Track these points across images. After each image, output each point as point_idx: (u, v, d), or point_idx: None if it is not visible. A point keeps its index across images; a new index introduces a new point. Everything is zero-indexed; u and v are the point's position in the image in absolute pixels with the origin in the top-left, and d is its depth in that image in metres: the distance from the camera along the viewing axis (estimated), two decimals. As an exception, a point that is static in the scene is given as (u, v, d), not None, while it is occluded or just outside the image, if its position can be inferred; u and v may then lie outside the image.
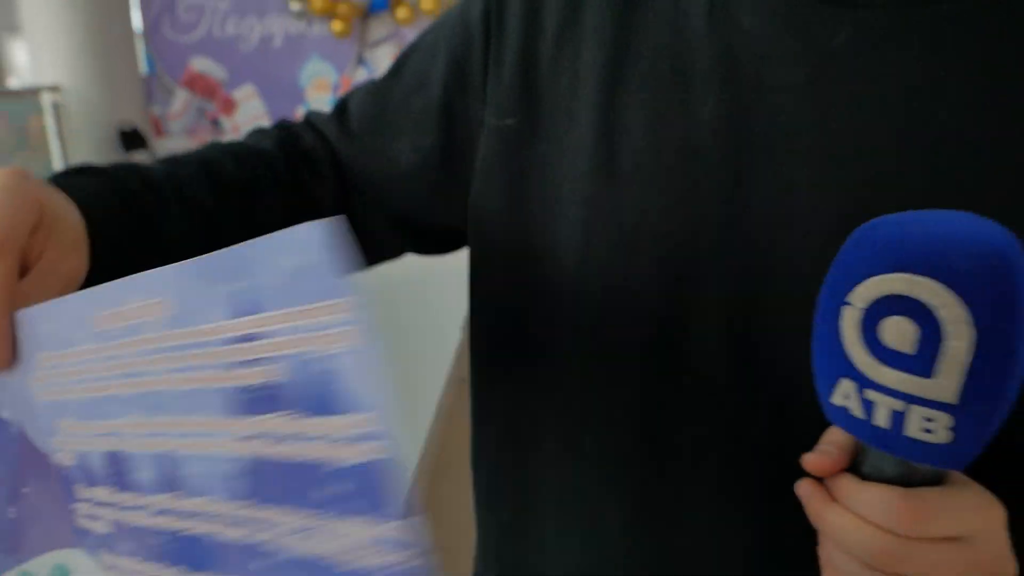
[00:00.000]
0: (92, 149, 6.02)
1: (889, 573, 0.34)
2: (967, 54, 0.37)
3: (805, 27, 0.39)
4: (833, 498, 0.36)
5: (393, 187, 0.55)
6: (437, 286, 2.17)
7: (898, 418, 0.34)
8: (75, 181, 0.43)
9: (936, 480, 0.35)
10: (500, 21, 0.48)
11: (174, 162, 0.51)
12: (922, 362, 0.32)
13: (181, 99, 6.58)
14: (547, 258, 0.47)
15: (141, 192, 0.46)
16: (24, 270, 0.36)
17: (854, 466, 0.37)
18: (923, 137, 0.38)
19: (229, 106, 6.59)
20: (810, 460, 0.36)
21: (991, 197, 0.37)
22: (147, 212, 0.46)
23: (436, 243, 0.59)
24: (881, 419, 0.34)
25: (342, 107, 0.58)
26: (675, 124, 0.42)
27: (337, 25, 6.47)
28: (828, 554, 0.36)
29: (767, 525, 0.42)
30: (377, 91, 0.56)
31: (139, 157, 6.42)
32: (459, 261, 0.99)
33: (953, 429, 0.33)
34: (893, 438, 0.34)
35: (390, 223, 0.57)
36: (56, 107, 5.83)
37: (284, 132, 0.57)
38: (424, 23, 6.66)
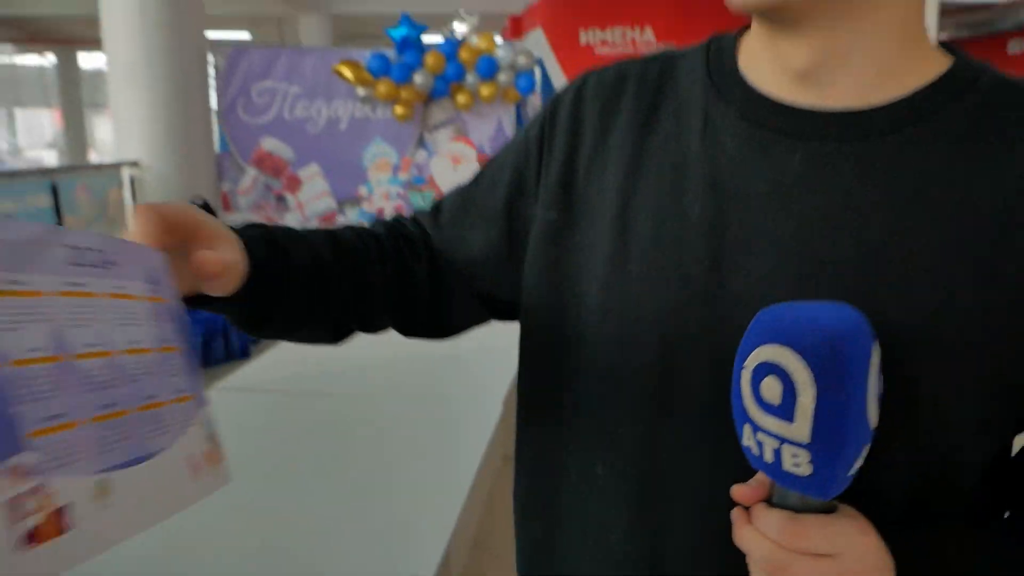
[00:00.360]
0: (164, 221, 6.30)
1: (780, 566, 0.45)
2: (884, 179, 0.50)
3: (768, 152, 0.52)
4: (750, 521, 0.47)
5: (472, 268, 0.69)
6: (480, 364, 2.22)
7: (777, 455, 0.45)
8: (240, 226, 0.58)
9: (827, 510, 0.47)
10: (551, 140, 0.63)
11: (311, 229, 0.66)
12: (786, 411, 0.43)
13: (250, 176, 6.93)
14: (573, 328, 0.59)
15: (284, 236, 0.60)
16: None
17: (768, 498, 0.48)
18: (853, 238, 0.49)
19: (294, 184, 6.90)
20: (736, 491, 0.49)
21: (900, 284, 0.49)
22: (284, 247, 0.59)
23: (510, 313, 0.70)
24: (768, 456, 0.45)
25: (437, 206, 0.73)
26: (671, 224, 0.54)
27: (400, 109, 6.78)
28: (749, 565, 0.48)
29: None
30: (461, 193, 0.71)
31: (207, 229, 6.69)
32: (500, 341, 1.04)
33: (812, 463, 0.43)
34: (777, 471, 0.45)
35: (473, 296, 0.70)
36: (134, 181, 6.20)
37: (394, 222, 0.72)
38: (482, 108, 6.95)
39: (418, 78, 6.55)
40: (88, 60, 22.21)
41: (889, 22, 0.50)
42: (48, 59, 21.67)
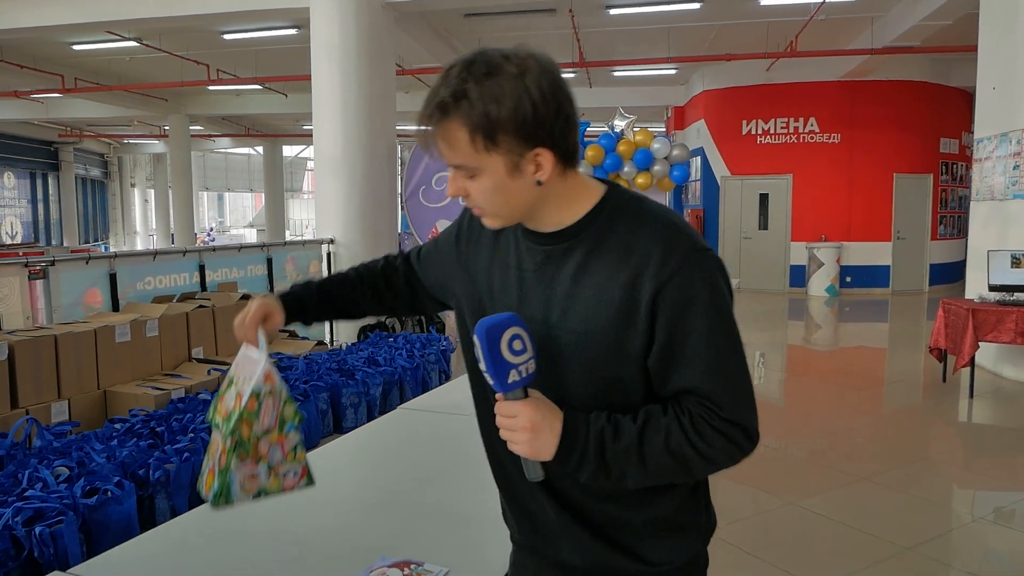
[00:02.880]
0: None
1: (504, 430, 0.98)
2: (571, 260, 1.03)
3: (531, 251, 1.07)
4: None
5: (431, 287, 1.36)
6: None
7: (489, 378, 0.96)
8: (289, 289, 1.38)
9: (524, 395, 0.97)
10: (461, 233, 1.22)
11: (341, 271, 1.43)
12: (484, 359, 0.94)
13: (425, 254, 7.72)
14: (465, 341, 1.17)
15: (320, 282, 1.41)
16: (264, 319, 1.28)
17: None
18: (572, 293, 1.02)
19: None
20: (497, 405, 1.01)
21: (577, 306, 1.01)
22: (319, 286, 1.40)
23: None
24: (490, 379, 0.96)
25: (419, 249, 1.40)
26: (508, 281, 1.09)
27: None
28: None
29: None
30: (428, 246, 1.36)
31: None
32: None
33: (492, 378, 0.95)
34: (494, 385, 0.96)
35: (430, 298, 1.38)
36: (330, 255, 7.16)
37: (390, 256, 1.44)
38: (638, 197, 7.42)
39: (580, 168, 7.13)
40: (289, 151, 25.21)
41: (551, 204, 1.03)
42: (256, 150, 24.86)
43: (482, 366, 0.95)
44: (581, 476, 0.99)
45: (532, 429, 0.96)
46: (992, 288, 5.71)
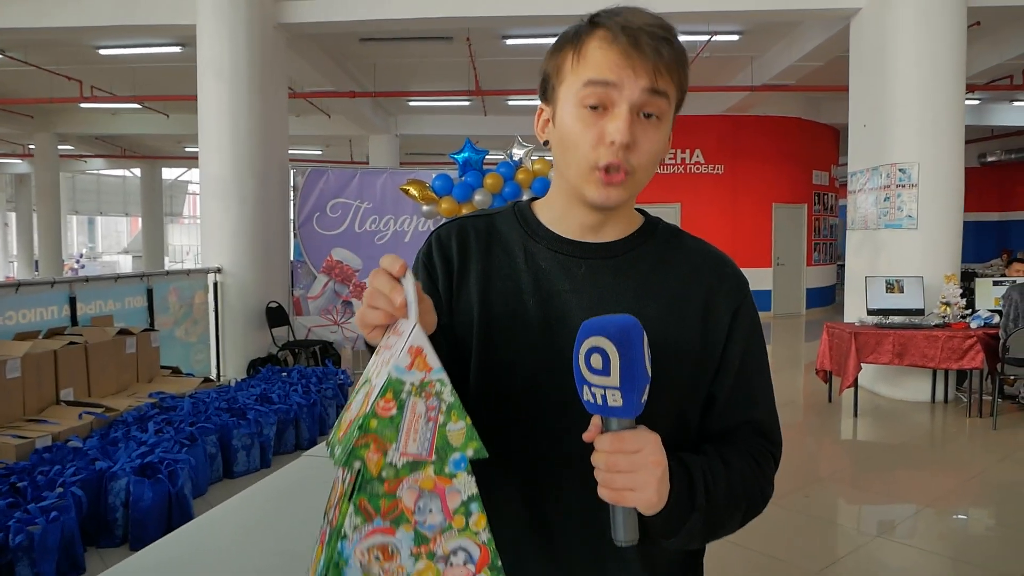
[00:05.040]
0: (242, 322, 6.86)
1: (611, 472, 0.74)
2: (625, 277, 0.89)
3: (567, 265, 0.90)
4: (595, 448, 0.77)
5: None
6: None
7: (604, 398, 0.74)
8: None
9: (633, 428, 0.76)
10: (433, 268, 0.95)
11: None
12: (606, 370, 0.72)
13: (320, 283, 7.47)
14: (471, 384, 0.91)
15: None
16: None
17: (603, 431, 0.77)
18: (618, 305, 0.87)
19: (361, 290, 7.39)
20: (585, 435, 0.78)
21: (664, 337, 0.86)
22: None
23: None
24: (599, 400, 0.74)
25: None
26: (519, 312, 0.89)
27: (460, 224, 7.28)
28: (596, 477, 0.76)
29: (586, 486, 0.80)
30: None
31: (279, 332, 7.26)
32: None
33: (622, 397, 0.73)
34: (604, 408, 0.75)
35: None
36: (217, 285, 6.76)
37: None
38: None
39: (478, 196, 7.09)
40: (169, 173, 23.95)
41: (632, 201, 0.91)
42: (132, 172, 23.48)
43: (600, 379, 0.72)
44: (677, 532, 0.81)
45: (661, 466, 0.75)
46: (870, 312, 6.06)
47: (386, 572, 0.66)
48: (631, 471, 0.74)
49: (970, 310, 6.09)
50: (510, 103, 13.18)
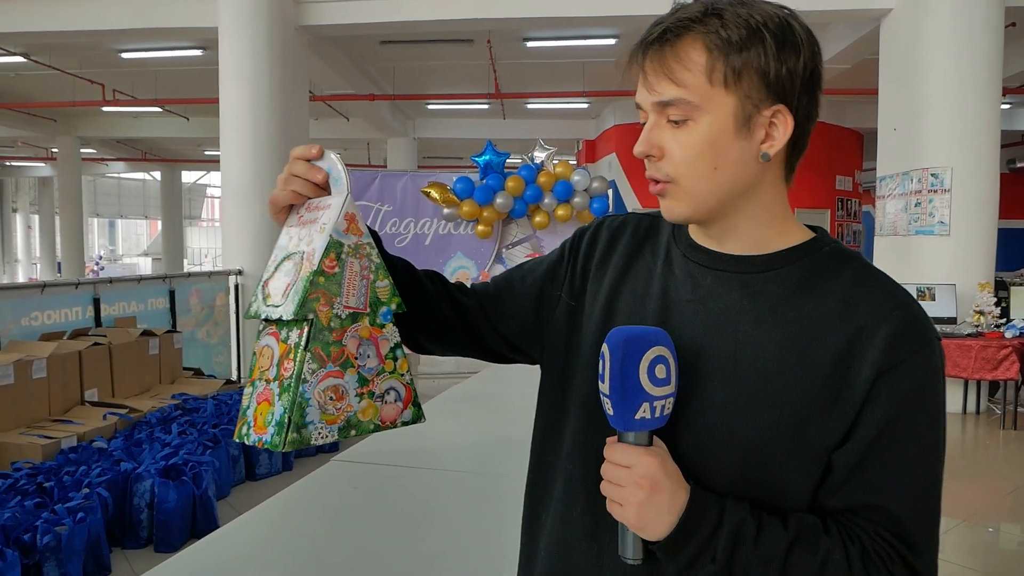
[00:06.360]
0: (261, 323, 6.77)
1: (605, 480, 0.74)
2: (755, 296, 0.79)
3: (693, 275, 0.83)
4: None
5: (504, 323, 0.97)
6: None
7: (604, 404, 0.74)
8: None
9: (648, 442, 0.74)
10: (576, 256, 0.95)
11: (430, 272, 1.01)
12: (602, 376, 0.74)
13: (341, 285, 7.39)
14: (571, 374, 0.88)
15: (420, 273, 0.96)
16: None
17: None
18: (735, 325, 0.78)
19: (381, 293, 7.35)
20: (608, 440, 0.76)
21: (748, 360, 0.76)
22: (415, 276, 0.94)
23: (502, 356, 1.01)
24: (603, 404, 0.74)
25: (490, 281, 1.04)
26: (637, 314, 0.85)
27: (481, 228, 7.27)
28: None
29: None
30: (508, 273, 1.02)
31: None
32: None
33: (612, 406, 0.72)
34: (606, 414, 0.74)
35: (500, 341, 0.99)
36: (238, 287, 6.75)
37: (460, 285, 1.03)
38: (557, 228, 7.38)
39: (499, 199, 7.05)
40: (188, 177, 24.14)
41: (756, 210, 0.81)
42: (152, 175, 23.68)
43: (603, 387, 0.73)
44: None
45: (650, 488, 0.71)
46: (900, 319, 5.94)
47: (338, 410, 0.76)
48: (618, 484, 0.74)
49: (1004, 319, 5.96)
50: (529, 106, 13.15)
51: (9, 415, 3.82)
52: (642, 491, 0.72)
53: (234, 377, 6.65)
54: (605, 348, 0.73)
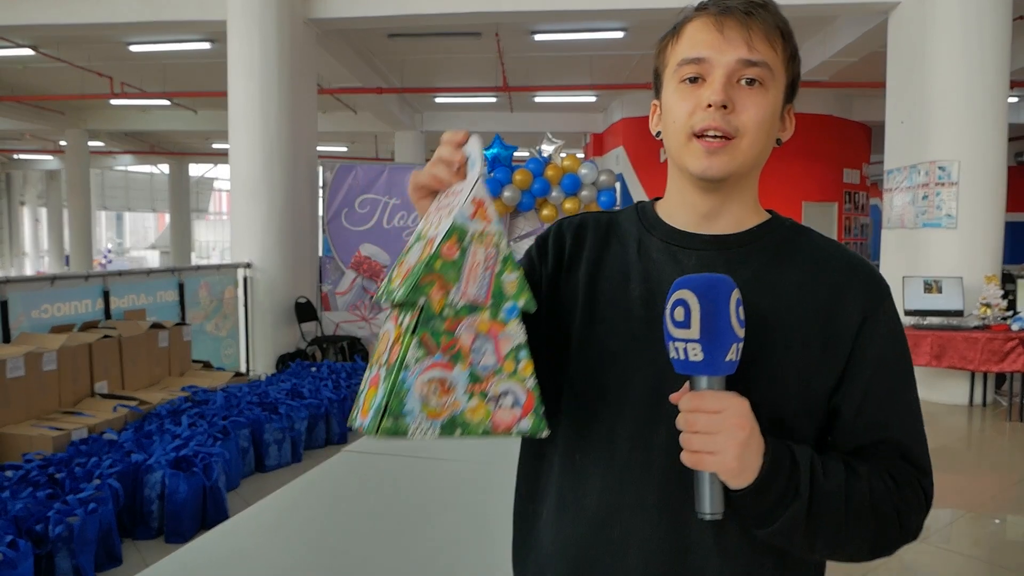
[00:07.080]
0: (271, 317, 6.91)
1: (690, 432, 0.73)
2: (738, 271, 0.82)
3: (676, 257, 0.87)
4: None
5: None
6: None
7: (686, 352, 0.72)
8: None
9: (723, 387, 0.73)
10: (543, 256, 0.95)
11: None
12: (687, 323, 0.72)
13: (349, 279, 7.48)
14: (566, 362, 0.89)
15: None
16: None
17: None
18: (746, 307, 0.79)
19: (388, 286, 7.37)
20: (673, 397, 0.77)
21: (773, 335, 0.82)
22: None
23: None
24: (681, 355, 0.73)
25: None
26: (621, 300, 0.87)
27: (488, 221, 7.21)
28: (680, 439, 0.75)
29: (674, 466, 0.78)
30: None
31: (308, 328, 7.29)
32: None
33: (703, 351, 0.71)
34: (687, 364, 0.73)
35: None
36: (247, 280, 6.79)
37: None
38: (565, 222, 7.38)
39: (507, 192, 7.05)
40: (196, 170, 24.18)
41: (748, 190, 0.89)
42: (160, 168, 23.74)
43: (684, 332, 0.72)
44: (774, 521, 0.74)
45: (749, 429, 0.72)
46: (908, 312, 5.93)
47: (443, 406, 0.70)
48: (709, 432, 0.72)
49: (1011, 312, 5.95)
50: (536, 99, 13.13)
51: (20, 407, 3.86)
52: (743, 432, 0.72)
53: (243, 370, 6.70)
54: (684, 293, 0.72)
